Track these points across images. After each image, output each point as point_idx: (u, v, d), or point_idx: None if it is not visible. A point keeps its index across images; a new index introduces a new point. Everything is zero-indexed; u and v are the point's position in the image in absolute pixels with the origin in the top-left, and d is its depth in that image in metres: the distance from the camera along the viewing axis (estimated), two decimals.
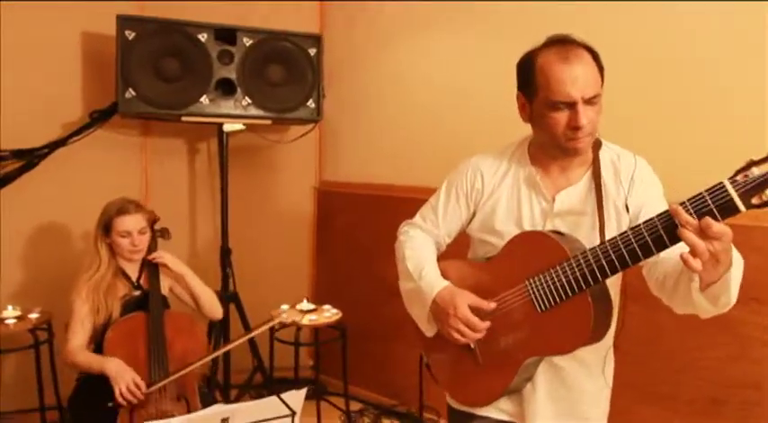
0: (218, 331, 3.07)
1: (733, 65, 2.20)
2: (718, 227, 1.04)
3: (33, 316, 2.67)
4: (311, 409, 2.99)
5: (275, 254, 3.64)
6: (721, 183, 1.04)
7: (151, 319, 2.24)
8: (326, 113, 3.54)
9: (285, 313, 2.85)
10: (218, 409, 1.76)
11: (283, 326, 2.86)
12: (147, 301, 2.30)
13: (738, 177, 1.03)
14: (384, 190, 3.36)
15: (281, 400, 1.76)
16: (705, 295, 1.15)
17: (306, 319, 2.77)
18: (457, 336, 1.37)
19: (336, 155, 3.72)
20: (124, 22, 2.78)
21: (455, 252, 1.60)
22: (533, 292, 1.32)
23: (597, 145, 1.40)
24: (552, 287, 1.28)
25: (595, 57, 1.32)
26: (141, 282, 2.38)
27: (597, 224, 1.35)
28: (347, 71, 3.57)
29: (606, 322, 1.33)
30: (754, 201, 1.02)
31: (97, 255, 2.32)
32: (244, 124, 3.07)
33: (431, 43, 3.17)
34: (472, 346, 1.43)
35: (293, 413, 1.79)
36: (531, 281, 1.32)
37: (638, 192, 1.36)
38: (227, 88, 3.00)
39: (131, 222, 2.31)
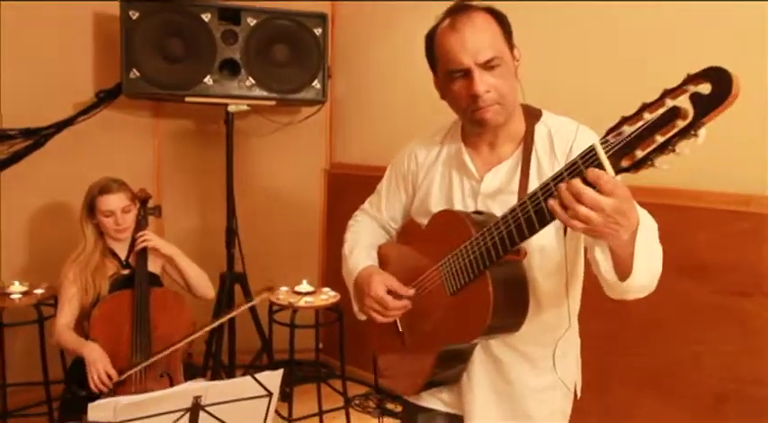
0: (224, 312, 3.09)
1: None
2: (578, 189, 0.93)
3: (39, 291, 2.74)
4: (312, 392, 2.99)
5: (285, 236, 3.64)
6: (592, 145, 0.94)
7: (136, 298, 2.24)
8: (337, 94, 3.51)
9: (281, 294, 2.84)
10: (190, 387, 1.75)
11: (275, 306, 2.85)
12: (134, 279, 2.31)
13: (609, 137, 0.92)
14: None
15: (256, 379, 1.74)
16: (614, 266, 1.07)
17: (302, 301, 2.76)
18: (373, 314, 1.36)
19: (347, 136, 3.68)
20: (128, 2, 2.79)
21: None
22: (444, 274, 1.27)
23: (535, 117, 1.30)
24: (459, 267, 1.22)
25: (498, 18, 1.24)
26: (130, 260, 2.39)
27: None
28: (357, 51, 3.51)
29: (516, 305, 1.21)
30: (624, 163, 0.91)
31: (83, 235, 2.34)
32: (248, 105, 3.05)
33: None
34: (400, 328, 1.41)
35: (270, 394, 1.77)
36: (442, 262, 1.27)
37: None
38: (231, 69, 2.98)
39: (114, 201, 2.30)
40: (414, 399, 1.46)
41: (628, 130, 0.90)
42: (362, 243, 1.49)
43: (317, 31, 3.08)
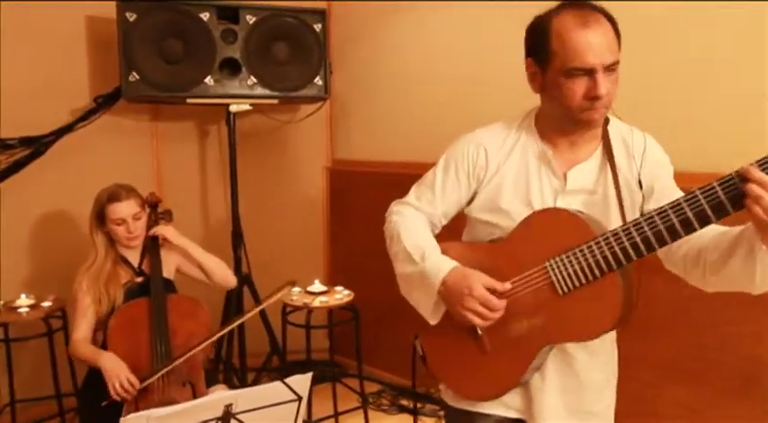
0: (233, 315, 3.05)
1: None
2: None
3: (46, 304, 2.68)
4: (327, 391, 2.96)
5: (289, 235, 3.61)
6: (730, 174, 1.03)
7: (153, 305, 2.20)
8: (336, 91, 3.47)
9: (295, 295, 2.81)
10: (222, 396, 1.72)
11: (296, 307, 2.82)
12: (149, 286, 2.26)
13: None
14: (398, 167, 3.28)
15: (286, 385, 1.72)
16: None
17: (317, 302, 2.73)
18: (472, 317, 1.25)
19: (348, 133, 3.64)
20: (124, 3, 2.73)
21: (445, 236, 1.49)
22: (555, 274, 1.23)
23: (606, 120, 1.31)
24: (578, 268, 1.20)
25: (613, 23, 1.23)
26: (143, 267, 2.34)
27: (611, 202, 1.28)
28: (356, 46, 3.47)
29: (631, 307, 1.23)
30: None
31: (94, 245, 2.29)
32: (250, 104, 3.00)
33: (440, 15, 3.05)
34: (480, 332, 1.33)
35: (299, 398, 1.75)
36: (553, 261, 1.23)
37: (650, 167, 1.30)
38: (231, 68, 2.94)
39: (124, 209, 2.25)
40: (467, 405, 1.42)
41: None
42: (430, 240, 1.38)
43: (317, 27, 3.04)
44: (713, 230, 1.18)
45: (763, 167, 1.02)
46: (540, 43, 1.25)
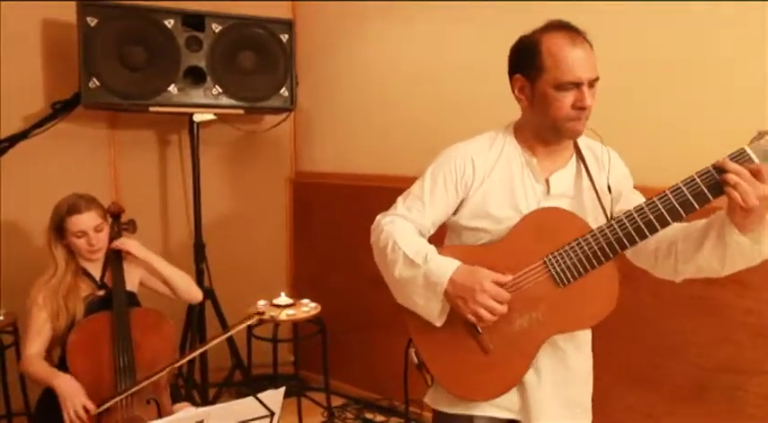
0: (194, 329, 2.98)
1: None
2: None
3: None
4: (292, 406, 2.92)
5: (251, 247, 3.54)
6: (743, 148, 1.20)
7: (116, 319, 2.11)
8: (301, 103, 3.45)
9: (262, 309, 2.77)
10: (193, 413, 1.68)
11: (261, 322, 2.77)
12: (112, 299, 2.17)
13: (752, 145, 1.19)
14: (360, 180, 3.29)
15: (259, 400, 1.69)
16: (749, 237, 1.22)
17: (283, 315, 2.69)
18: (484, 313, 1.29)
19: (311, 145, 3.63)
20: (85, 7, 2.64)
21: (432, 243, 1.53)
22: (554, 268, 1.33)
23: None
24: (576, 260, 1.31)
25: (590, 44, 1.37)
26: (105, 280, 2.24)
27: (587, 205, 1.41)
28: (321, 58, 3.47)
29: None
30: None
31: (53, 258, 2.18)
32: (215, 114, 2.95)
33: (405, 29, 3.09)
34: (480, 331, 1.37)
35: (272, 414, 1.72)
36: (551, 256, 1.34)
37: (616, 175, 1.45)
38: (196, 77, 2.88)
39: (85, 221, 2.16)
40: (462, 409, 1.45)
41: None
42: (430, 246, 1.41)
43: (284, 38, 3.02)
44: (679, 226, 1.32)
45: (735, 160, 1.21)
46: (529, 60, 1.35)
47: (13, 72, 2.88)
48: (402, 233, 1.44)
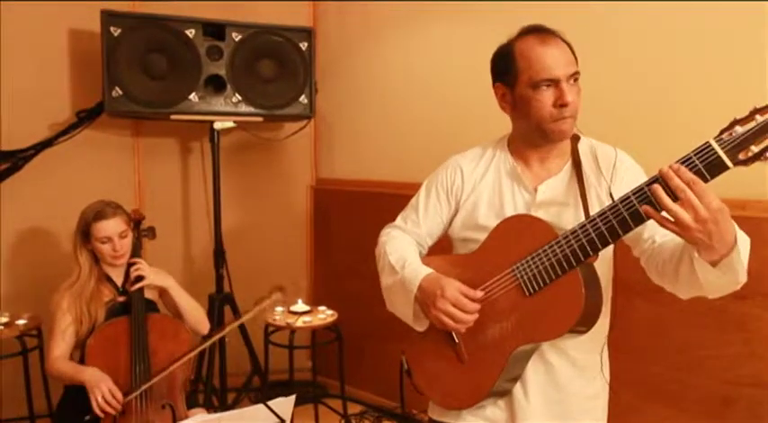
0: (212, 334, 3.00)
1: (733, 65, 2.15)
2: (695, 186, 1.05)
3: (21, 322, 2.61)
4: (309, 412, 2.92)
5: (271, 254, 3.57)
6: (707, 142, 1.08)
7: (133, 325, 2.16)
8: (321, 110, 3.47)
9: (278, 314, 2.78)
10: (204, 418, 1.70)
11: (277, 328, 2.78)
12: (131, 305, 2.21)
13: (723, 136, 1.07)
14: (381, 187, 3.29)
15: (269, 408, 1.70)
16: (712, 269, 1.13)
17: (300, 322, 2.70)
18: (446, 319, 1.30)
19: (332, 152, 3.64)
20: (109, 18, 2.70)
21: (436, 252, 1.55)
22: (521, 276, 1.30)
23: (575, 137, 1.41)
24: (541, 268, 1.26)
25: (568, 44, 1.35)
26: (126, 286, 2.28)
27: (579, 214, 1.35)
28: (341, 66, 3.49)
29: (597, 305, 1.28)
30: (741, 156, 1.06)
31: (77, 263, 2.23)
32: (234, 122, 2.99)
33: (425, 36, 3.09)
34: (456, 339, 1.37)
35: (282, 421, 1.72)
36: (519, 265, 1.30)
37: (623, 179, 1.36)
38: (216, 85, 2.92)
39: (111, 227, 2.21)
40: (452, 418, 1.44)
41: (741, 129, 1.05)
42: (413, 253, 1.46)
43: (303, 46, 3.04)
44: (673, 241, 1.24)
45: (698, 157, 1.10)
46: (505, 66, 1.36)
47: (40, 81, 2.96)
48: (392, 243, 1.50)
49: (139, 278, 2.25)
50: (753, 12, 2.09)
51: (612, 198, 1.33)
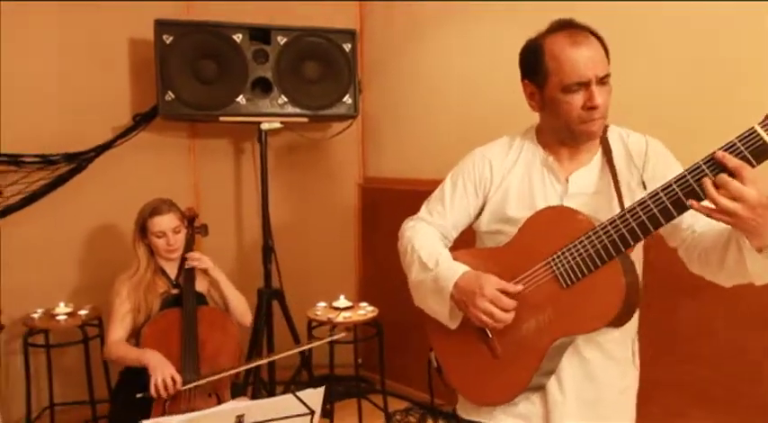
0: (260, 329, 3.10)
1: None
2: (735, 185, 1.03)
3: (83, 312, 2.80)
4: (353, 407, 2.97)
5: (321, 251, 3.66)
6: (752, 128, 1.05)
7: (184, 316, 2.28)
8: (368, 109, 3.52)
9: (319, 310, 2.84)
10: (234, 406, 1.76)
11: (319, 323, 2.85)
12: (183, 298, 2.35)
13: None
14: (427, 185, 3.25)
15: (298, 398, 1.74)
16: (759, 256, 1.10)
17: (341, 317, 2.75)
18: (485, 318, 1.28)
19: (379, 151, 3.68)
20: (161, 26, 2.85)
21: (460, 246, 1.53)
22: (557, 268, 1.27)
23: (604, 128, 1.38)
24: (579, 259, 1.24)
25: (600, 39, 1.31)
26: (180, 280, 2.43)
27: (613, 203, 1.32)
28: (387, 66, 3.52)
29: (636, 296, 1.25)
30: None
31: (136, 255, 2.40)
32: (281, 122, 3.08)
33: (470, 35, 3.08)
34: (490, 335, 1.36)
35: (312, 412, 1.77)
36: (555, 257, 1.27)
37: (656, 166, 1.34)
38: (263, 87, 3.03)
39: (165, 222, 2.36)
40: (484, 417, 1.43)
41: None
42: (443, 248, 1.44)
43: (347, 47, 3.10)
44: (715, 229, 1.21)
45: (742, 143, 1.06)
46: (535, 64, 1.33)
47: (103, 87, 3.15)
48: (420, 237, 1.47)
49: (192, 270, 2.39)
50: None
51: (645, 186, 1.31)
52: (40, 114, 2.98)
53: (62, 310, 2.79)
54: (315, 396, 1.75)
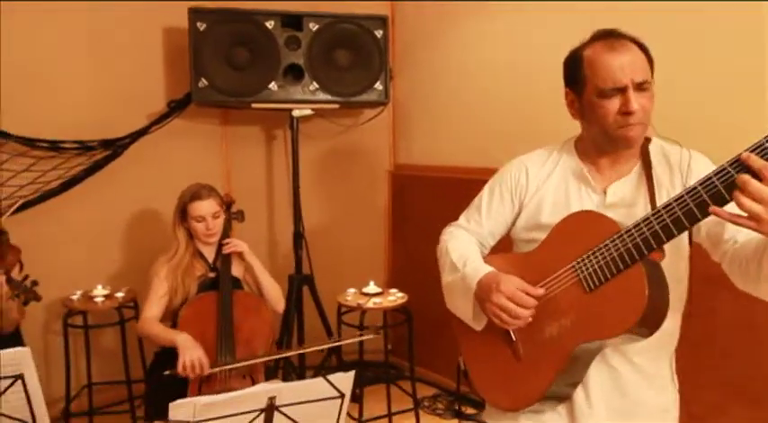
0: (291, 313, 3.14)
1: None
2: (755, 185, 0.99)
3: (120, 295, 2.87)
4: (382, 393, 2.99)
5: (351, 237, 3.68)
6: None
7: (220, 300, 2.33)
8: (399, 96, 3.51)
9: (349, 295, 2.86)
10: (266, 387, 1.79)
11: (349, 308, 2.87)
12: (219, 282, 2.39)
13: None
14: (458, 172, 3.28)
15: (328, 381, 1.76)
16: None
17: (371, 303, 2.77)
18: (500, 313, 1.29)
19: (410, 137, 3.68)
20: (195, 14, 2.88)
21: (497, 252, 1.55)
22: (582, 272, 1.26)
23: (646, 139, 1.37)
24: (602, 262, 1.23)
25: (643, 48, 1.31)
26: (217, 264, 2.47)
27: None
28: (418, 53, 3.51)
29: (662, 306, 1.21)
30: None
31: (175, 238, 2.45)
32: (312, 109, 3.09)
33: (501, 22, 3.04)
34: (513, 337, 1.35)
35: (342, 395, 1.79)
36: (580, 260, 1.27)
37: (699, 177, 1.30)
38: (295, 74, 3.04)
39: (205, 207, 2.40)
40: (504, 421, 1.42)
41: None
42: (475, 251, 1.48)
43: (378, 34, 3.09)
44: (756, 238, 1.16)
45: (759, 154, 1.02)
46: (574, 72, 1.34)
47: (138, 75, 3.20)
48: (454, 241, 1.52)
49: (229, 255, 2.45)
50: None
51: None
52: (78, 102, 3.04)
53: (100, 292, 2.86)
54: (345, 380, 1.76)
